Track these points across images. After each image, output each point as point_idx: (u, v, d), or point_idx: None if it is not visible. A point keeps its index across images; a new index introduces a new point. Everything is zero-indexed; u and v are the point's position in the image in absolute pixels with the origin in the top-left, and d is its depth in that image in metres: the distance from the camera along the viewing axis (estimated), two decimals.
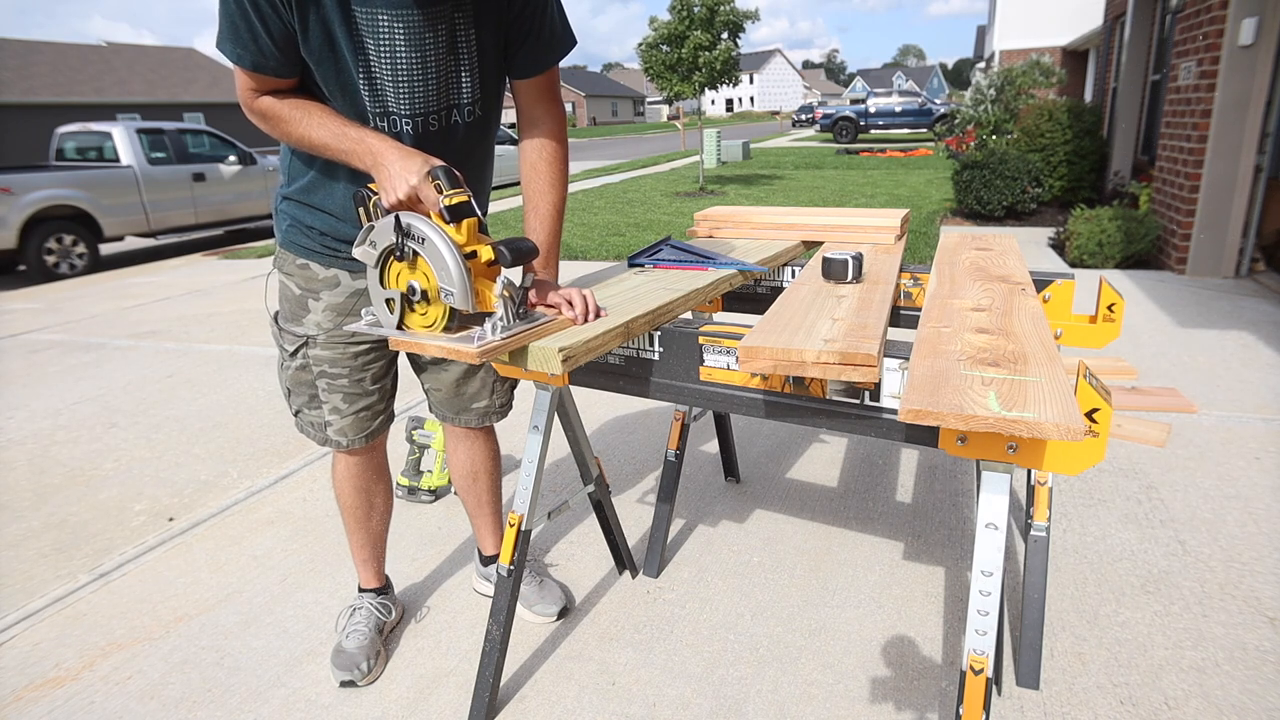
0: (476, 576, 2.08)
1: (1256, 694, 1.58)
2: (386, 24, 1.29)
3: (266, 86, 1.33)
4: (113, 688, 1.78)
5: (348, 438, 1.66)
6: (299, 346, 1.60)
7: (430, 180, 1.25)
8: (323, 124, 1.33)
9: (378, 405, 1.68)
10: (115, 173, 8.03)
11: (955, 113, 10.88)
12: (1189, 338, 3.77)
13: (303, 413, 1.68)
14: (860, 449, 2.82)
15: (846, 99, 37.48)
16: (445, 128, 1.45)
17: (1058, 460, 1.08)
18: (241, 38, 1.25)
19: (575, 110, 64.10)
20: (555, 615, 1.92)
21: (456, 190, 1.24)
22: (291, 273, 1.56)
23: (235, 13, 1.23)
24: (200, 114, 24.20)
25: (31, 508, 2.69)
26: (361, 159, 1.32)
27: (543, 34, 1.46)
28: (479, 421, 1.80)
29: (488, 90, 1.48)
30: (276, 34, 1.26)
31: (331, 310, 1.56)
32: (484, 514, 1.96)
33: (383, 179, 1.29)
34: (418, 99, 1.38)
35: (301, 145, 1.37)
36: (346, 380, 1.61)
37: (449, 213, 1.24)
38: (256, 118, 1.37)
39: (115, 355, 4.57)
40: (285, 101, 1.34)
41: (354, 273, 1.55)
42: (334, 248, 1.52)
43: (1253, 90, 4.69)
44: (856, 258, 1.56)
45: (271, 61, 1.29)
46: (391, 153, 1.29)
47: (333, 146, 1.34)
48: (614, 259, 6.68)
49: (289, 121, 1.34)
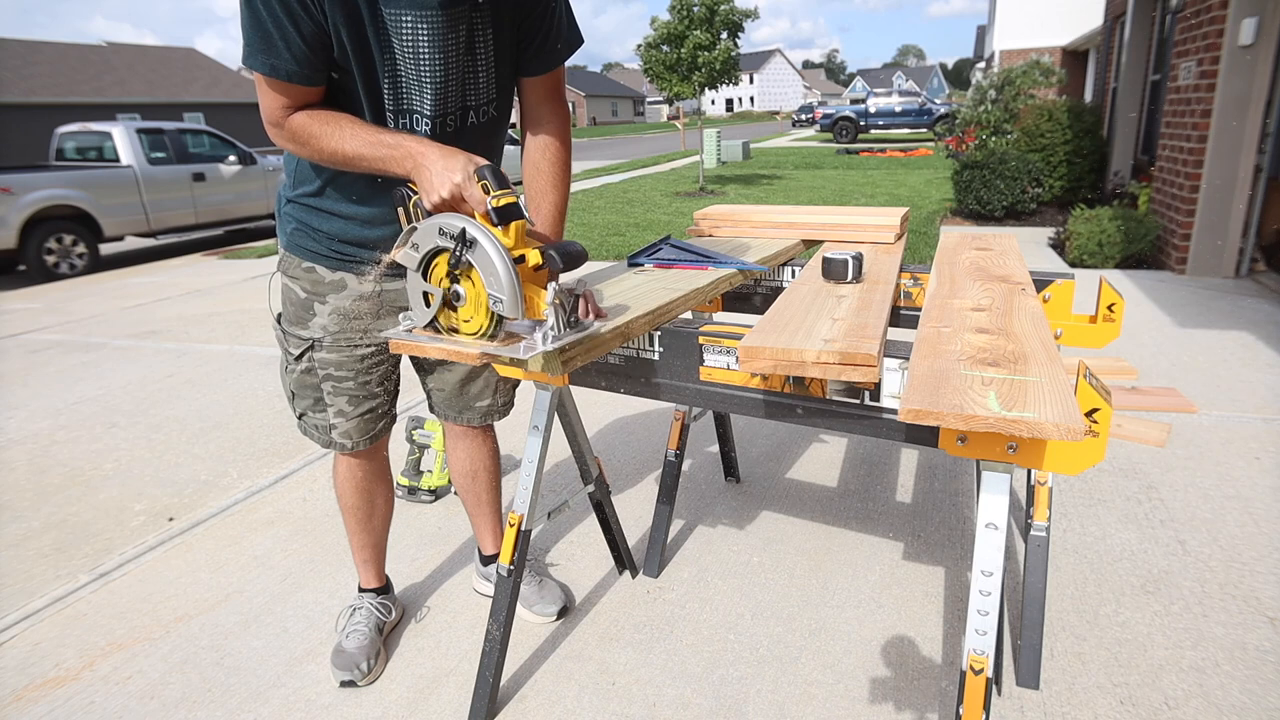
0: (476, 576, 2.08)
1: (1256, 694, 1.58)
2: (410, 24, 1.28)
3: (300, 100, 1.30)
4: (113, 688, 1.78)
5: (352, 440, 1.66)
6: (304, 350, 1.59)
7: (477, 180, 1.20)
8: (355, 134, 1.29)
9: (382, 407, 1.68)
10: (115, 173, 8.03)
11: (956, 113, 10.87)
12: (1189, 338, 3.77)
13: (307, 416, 1.67)
14: (860, 449, 2.82)
15: (846, 99, 37.51)
16: (460, 128, 1.45)
17: (1058, 460, 1.08)
18: (274, 46, 1.22)
19: (575, 110, 64.11)
20: (555, 615, 1.92)
21: (504, 191, 1.18)
22: (297, 276, 1.55)
23: (266, 19, 1.20)
24: (200, 114, 24.17)
25: (31, 508, 2.69)
26: (400, 164, 1.28)
27: (552, 33, 1.46)
28: (481, 420, 1.80)
29: (502, 90, 1.48)
30: (309, 35, 1.23)
31: (338, 314, 1.55)
32: (484, 513, 1.96)
33: (424, 179, 1.24)
34: (438, 99, 1.37)
35: (334, 160, 1.33)
36: (353, 383, 1.60)
37: (497, 214, 1.18)
38: (287, 138, 1.33)
39: (115, 355, 4.57)
40: (315, 117, 1.31)
41: (361, 276, 1.54)
42: (342, 251, 1.52)
43: (1253, 90, 4.69)
44: (856, 258, 1.56)
45: (305, 69, 1.26)
46: (433, 152, 1.25)
47: (368, 156, 1.30)
48: (614, 259, 6.68)
49: (320, 137, 1.30)
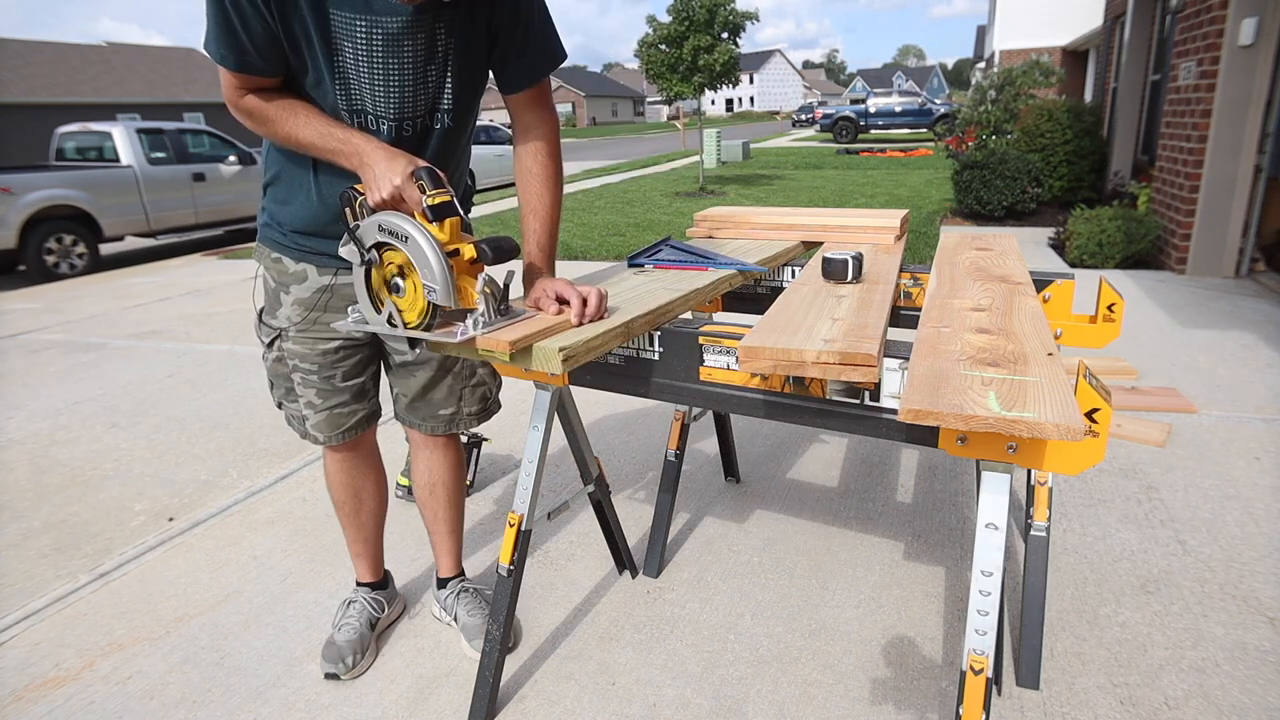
0: (432, 600, 1.99)
1: (1256, 694, 1.58)
2: (364, 29, 1.30)
3: (251, 85, 1.34)
4: (113, 688, 1.78)
5: (324, 434, 1.67)
6: (273, 339, 1.62)
7: (414, 181, 1.28)
8: (309, 123, 1.35)
9: (352, 404, 1.67)
10: (115, 173, 8.03)
11: (956, 113, 10.88)
12: (1189, 338, 3.77)
13: (284, 404, 1.70)
14: (860, 449, 2.82)
15: (846, 99, 37.50)
16: (419, 133, 1.46)
17: (1058, 460, 1.08)
18: (225, 38, 1.27)
19: (575, 110, 64.11)
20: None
21: (439, 190, 1.27)
22: (268, 265, 1.59)
23: (218, 14, 1.25)
24: (200, 114, 24.18)
25: (31, 508, 2.69)
26: (348, 159, 1.33)
27: (529, 49, 1.46)
28: (445, 429, 1.76)
29: (464, 98, 1.49)
30: (259, 34, 1.27)
31: (300, 305, 1.57)
32: (440, 530, 1.88)
33: (368, 178, 1.31)
34: (393, 104, 1.39)
35: (289, 144, 1.38)
36: (317, 377, 1.62)
37: (431, 212, 1.27)
38: (243, 116, 1.38)
39: (115, 355, 4.57)
40: (272, 101, 1.35)
41: (321, 268, 1.55)
42: (300, 243, 1.54)
43: (1253, 90, 4.69)
44: (856, 258, 1.56)
45: (256, 61, 1.30)
46: (378, 153, 1.31)
47: (319, 146, 1.35)
48: (614, 259, 6.68)
49: (274, 121, 1.35)
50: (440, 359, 1.68)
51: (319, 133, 1.34)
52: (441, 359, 1.68)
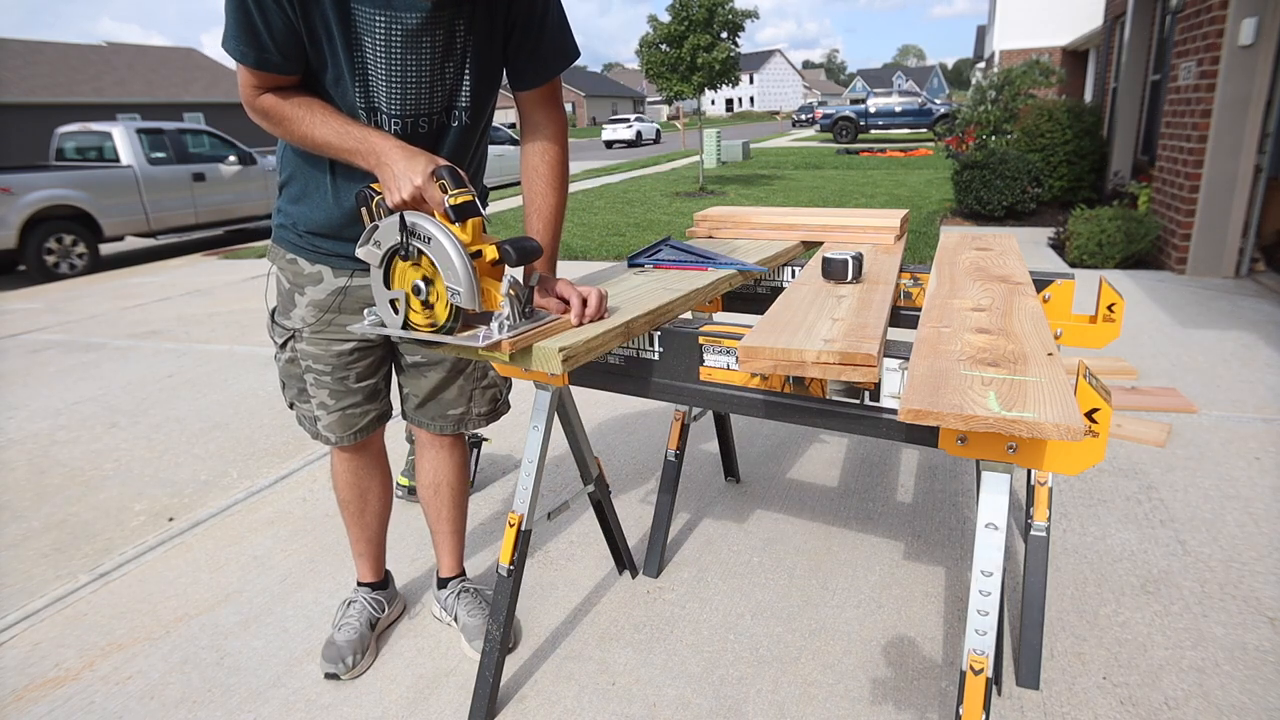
0: (432, 600, 1.99)
1: (1256, 694, 1.58)
2: (384, 25, 1.29)
3: (269, 84, 1.33)
4: (113, 688, 1.78)
5: (336, 434, 1.67)
6: (287, 339, 1.62)
7: (435, 180, 1.24)
8: (325, 122, 1.33)
9: (364, 404, 1.67)
10: (115, 173, 8.03)
11: (956, 113, 10.88)
12: (1189, 338, 3.77)
13: (295, 405, 1.70)
14: (860, 449, 2.82)
15: (846, 99, 37.51)
16: (434, 130, 1.45)
17: (1058, 460, 1.08)
18: (246, 33, 1.25)
19: (575, 110, 64.08)
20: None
21: (461, 190, 1.24)
22: (283, 266, 1.58)
23: (239, 10, 1.24)
24: (200, 114, 24.19)
25: (31, 508, 2.69)
26: (365, 158, 1.31)
27: (541, 47, 1.45)
28: (453, 429, 1.76)
29: (481, 96, 1.48)
30: (280, 30, 1.26)
31: (315, 306, 1.56)
32: (443, 530, 1.89)
33: (386, 178, 1.28)
34: (409, 101, 1.38)
35: (305, 144, 1.37)
36: (330, 378, 1.61)
37: (454, 212, 1.23)
38: (259, 116, 1.36)
39: (115, 355, 4.57)
40: (288, 100, 1.34)
41: (336, 270, 1.55)
42: (316, 245, 1.53)
43: (1253, 90, 4.69)
44: (856, 258, 1.56)
45: (275, 58, 1.28)
46: (396, 152, 1.28)
47: (335, 145, 1.33)
48: (614, 259, 6.68)
49: (291, 120, 1.34)
50: (453, 360, 1.68)
51: (336, 131, 1.32)
52: (454, 360, 1.68)
